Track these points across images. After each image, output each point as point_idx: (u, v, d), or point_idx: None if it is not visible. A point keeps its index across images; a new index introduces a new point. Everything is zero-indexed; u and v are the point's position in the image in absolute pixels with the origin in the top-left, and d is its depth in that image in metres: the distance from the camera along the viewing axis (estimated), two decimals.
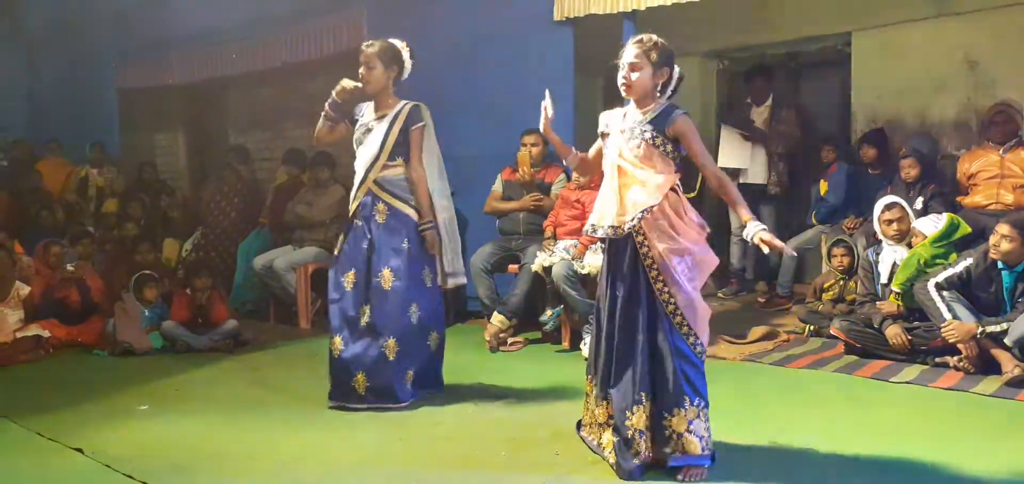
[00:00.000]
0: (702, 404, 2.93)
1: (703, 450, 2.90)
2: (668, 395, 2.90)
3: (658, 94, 3.02)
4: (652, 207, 2.91)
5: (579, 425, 3.30)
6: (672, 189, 2.97)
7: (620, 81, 3.03)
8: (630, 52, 3.00)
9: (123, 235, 7.04)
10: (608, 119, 3.15)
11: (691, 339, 2.93)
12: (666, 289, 2.91)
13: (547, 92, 3.15)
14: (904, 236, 4.83)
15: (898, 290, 4.64)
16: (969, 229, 4.67)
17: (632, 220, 2.93)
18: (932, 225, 4.76)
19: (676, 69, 3.04)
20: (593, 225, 3.09)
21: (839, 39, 6.18)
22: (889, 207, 4.88)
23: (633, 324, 2.96)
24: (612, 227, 2.98)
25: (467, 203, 5.93)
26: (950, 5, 5.57)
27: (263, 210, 7.08)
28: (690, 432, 2.88)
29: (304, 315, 6.08)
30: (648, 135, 2.97)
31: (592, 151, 3.28)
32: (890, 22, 5.81)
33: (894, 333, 4.48)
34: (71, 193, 8.40)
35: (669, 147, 2.98)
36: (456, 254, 4.16)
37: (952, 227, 4.68)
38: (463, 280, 4.31)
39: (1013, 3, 5.31)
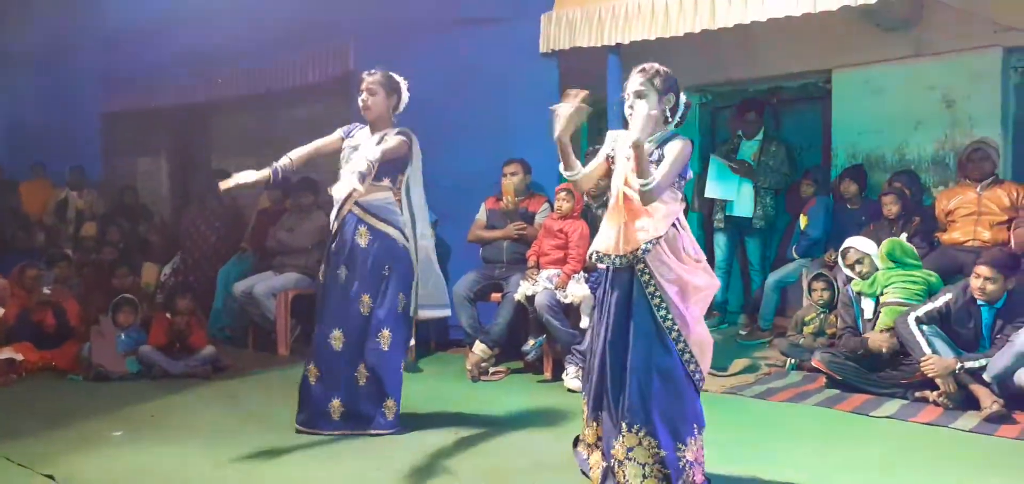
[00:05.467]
0: (702, 431, 2.96)
1: (704, 478, 2.95)
2: (679, 424, 2.89)
3: (666, 124, 3.00)
4: (659, 238, 2.88)
5: (576, 441, 3.29)
6: (672, 224, 2.94)
7: (626, 110, 3.00)
8: (634, 81, 2.97)
9: (101, 259, 6.96)
10: (615, 141, 3.09)
11: (692, 366, 2.93)
12: (670, 317, 2.89)
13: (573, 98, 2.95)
14: (871, 273, 4.90)
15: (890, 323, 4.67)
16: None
17: (638, 251, 2.87)
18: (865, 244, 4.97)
19: (682, 96, 3.01)
20: (596, 252, 3.02)
21: (820, 76, 6.28)
22: (844, 253, 5.05)
23: (627, 353, 2.93)
24: (620, 257, 2.93)
25: (451, 231, 5.91)
26: (927, 46, 5.68)
27: (245, 235, 7.03)
28: (697, 462, 2.91)
29: (283, 342, 6.02)
30: (653, 166, 2.92)
31: (591, 166, 3.14)
32: (869, 61, 5.91)
33: (877, 340, 4.56)
34: (50, 216, 8.32)
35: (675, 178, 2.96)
36: (438, 286, 4.09)
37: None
38: (446, 312, 4.24)
39: (987, 45, 5.43)
